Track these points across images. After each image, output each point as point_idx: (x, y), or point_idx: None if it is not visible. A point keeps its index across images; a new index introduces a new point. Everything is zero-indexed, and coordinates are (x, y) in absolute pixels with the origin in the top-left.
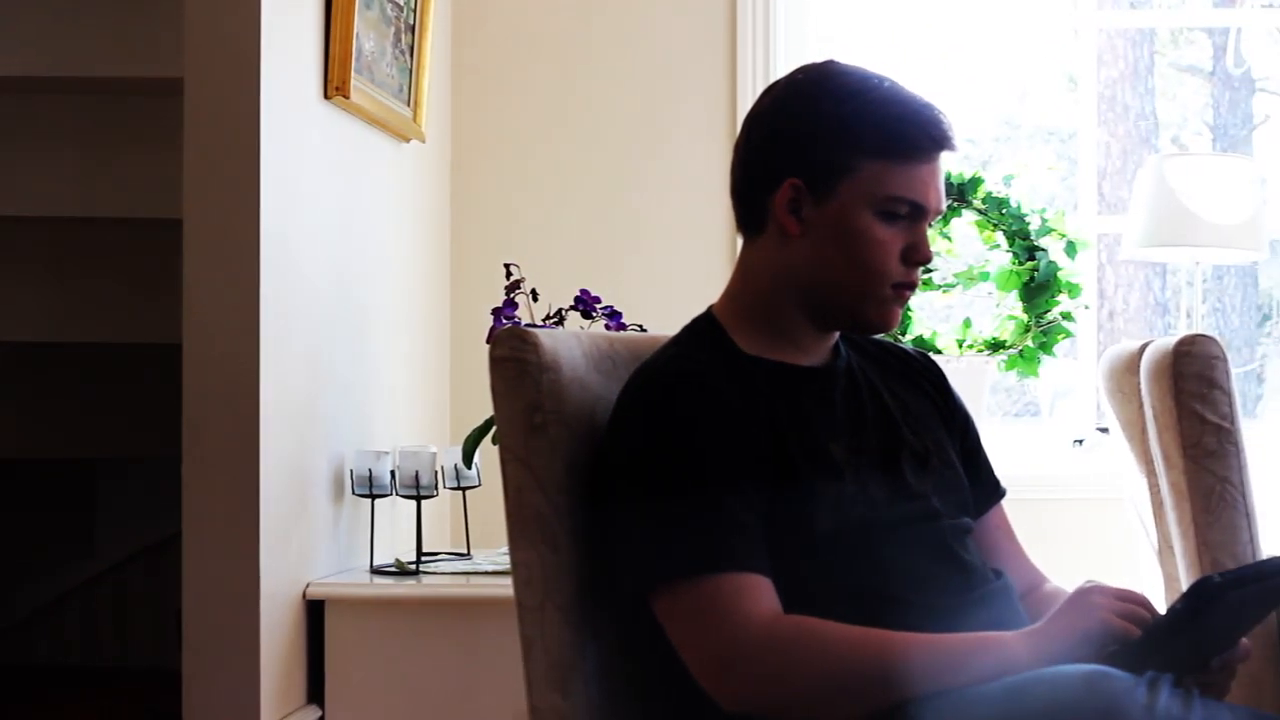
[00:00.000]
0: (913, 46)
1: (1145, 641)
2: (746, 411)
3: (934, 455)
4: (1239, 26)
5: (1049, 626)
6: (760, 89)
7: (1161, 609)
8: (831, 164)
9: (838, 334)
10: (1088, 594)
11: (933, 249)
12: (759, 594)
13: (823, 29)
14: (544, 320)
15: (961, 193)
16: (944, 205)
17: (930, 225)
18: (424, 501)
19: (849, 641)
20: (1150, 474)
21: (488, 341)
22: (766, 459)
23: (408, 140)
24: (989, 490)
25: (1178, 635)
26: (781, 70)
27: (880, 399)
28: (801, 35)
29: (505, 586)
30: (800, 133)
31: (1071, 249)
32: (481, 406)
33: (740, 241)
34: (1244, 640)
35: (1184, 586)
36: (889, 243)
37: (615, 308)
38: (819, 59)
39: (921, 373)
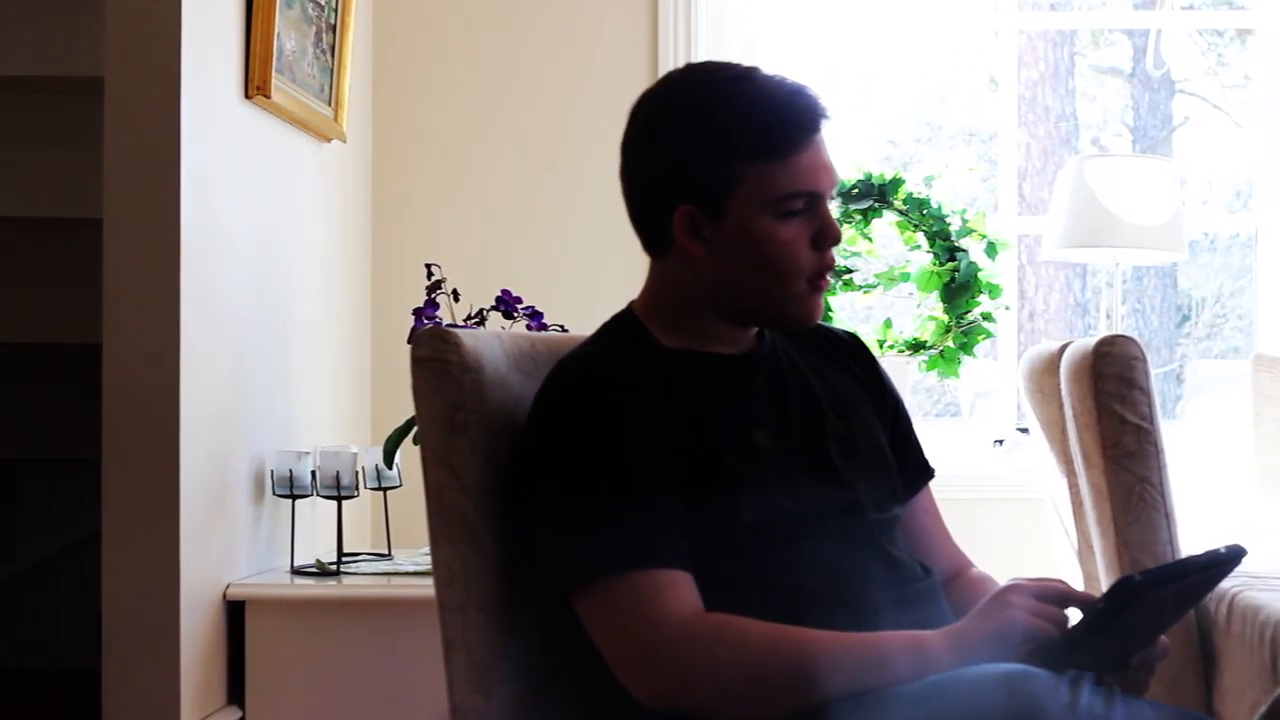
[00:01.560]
0: (833, 49)
1: (1066, 640)
2: (666, 405)
3: (861, 440)
4: (1159, 28)
5: (968, 626)
6: None
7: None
8: (716, 181)
9: None
10: (1006, 593)
11: (854, 248)
12: (679, 591)
13: (744, 29)
14: (465, 320)
15: (882, 193)
16: (838, 177)
17: (831, 199)
18: (345, 502)
19: (767, 640)
20: (1070, 474)
21: (409, 342)
22: (688, 452)
23: (329, 140)
24: (918, 472)
25: (1098, 634)
26: None
27: (806, 384)
28: (723, 35)
29: (426, 587)
30: (678, 158)
31: (992, 250)
32: (403, 407)
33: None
34: (1163, 638)
35: (1104, 586)
36: (795, 239)
37: (536, 308)
38: (679, 66)
39: (849, 354)
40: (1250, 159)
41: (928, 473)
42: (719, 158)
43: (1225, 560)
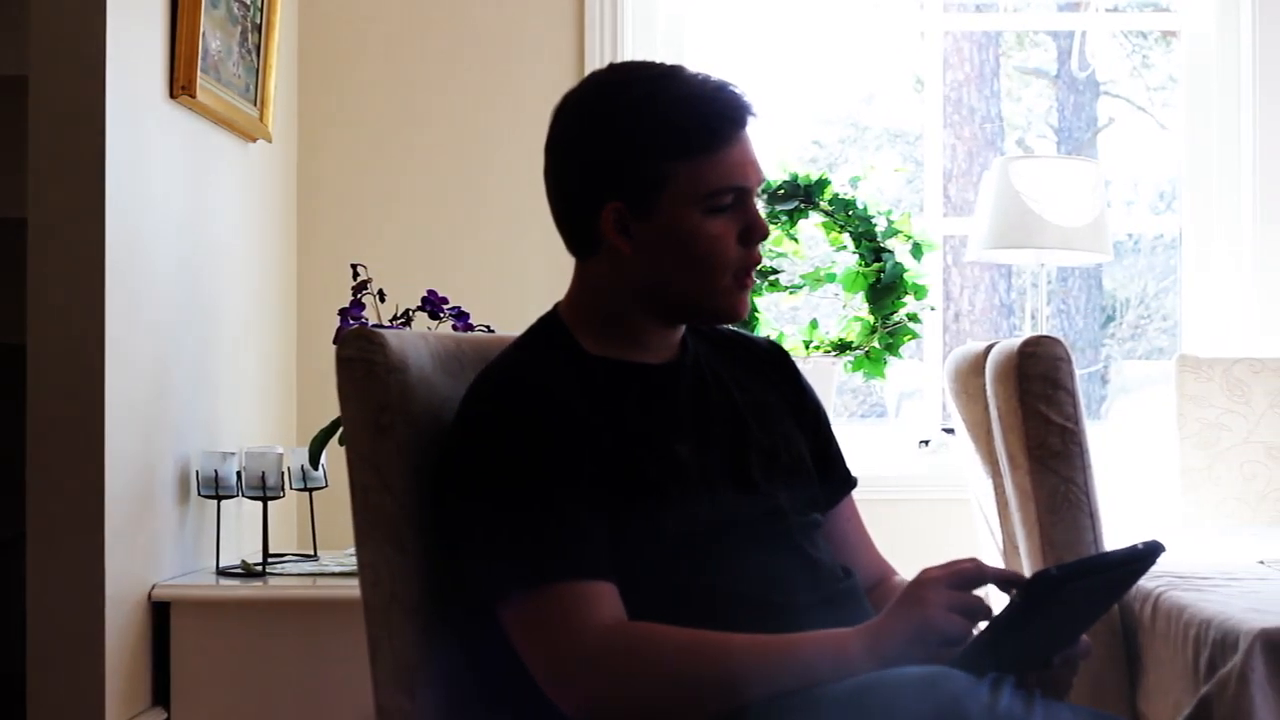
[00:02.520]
0: (759, 50)
1: (984, 639)
2: (590, 414)
3: (783, 451)
4: (1083, 30)
5: (884, 625)
6: None
7: (1002, 606)
8: (645, 179)
9: (684, 329)
10: (919, 589)
11: (780, 249)
12: (602, 602)
13: (670, 29)
14: (391, 321)
15: (808, 194)
16: (764, 174)
17: (757, 195)
18: (270, 503)
19: (686, 647)
20: (996, 474)
21: (335, 342)
22: (611, 462)
23: (254, 140)
24: (839, 482)
25: (1016, 630)
26: None
27: (728, 394)
28: (650, 36)
29: (352, 588)
30: (606, 157)
31: (917, 251)
32: (328, 407)
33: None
34: (1085, 637)
35: None
36: (723, 235)
37: (463, 308)
38: (602, 66)
39: (770, 364)
40: (1174, 161)
41: (849, 482)
42: (647, 155)
43: (1143, 555)
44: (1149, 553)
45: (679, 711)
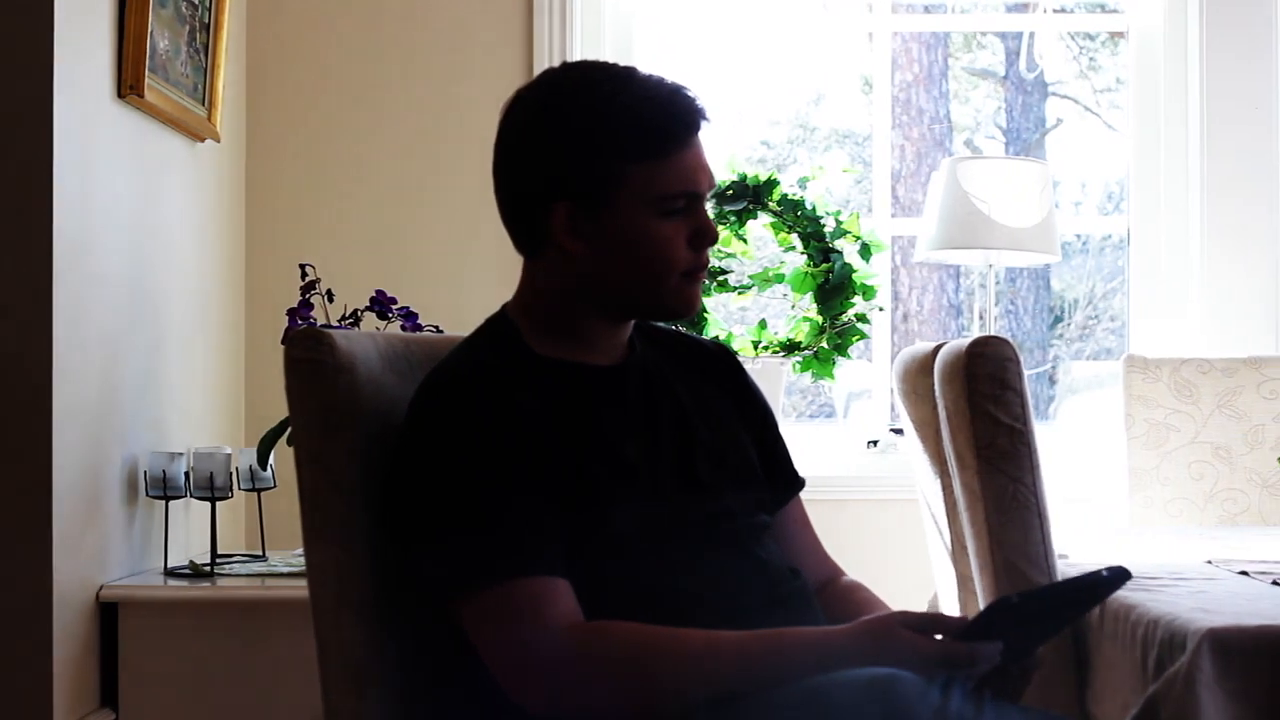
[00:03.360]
0: (709, 50)
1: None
2: (540, 414)
3: (730, 452)
4: (1031, 31)
5: (852, 647)
6: None
7: (953, 607)
8: (599, 179)
9: (631, 330)
10: (893, 635)
11: (729, 249)
12: (556, 599)
13: (618, 29)
14: (339, 321)
15: (757, 195)
16: (715, 179)
17: (706, 200)
18: (219, 503)
19: (644, 645)
20: (944, 475)
21: (283, 342)
22: (561, 462)
23: (203, 140)
24: (787, 482)
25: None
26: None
27: (675, 396)
28: (598, 36)
29: (300, 588)
30: (560, 156)
31: (866, 251)
32: (277, 407)
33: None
34: (1038, 651)
35: (978, 586)
36: (674, 237)
37: (411, 308)
38: (554, 65)
39: (718, 365)
40: (1122, 161)
41: (797, 483)
42: (601, 155)
43: (1107, 582)
44: (1113, 579)
45: (636, 709)
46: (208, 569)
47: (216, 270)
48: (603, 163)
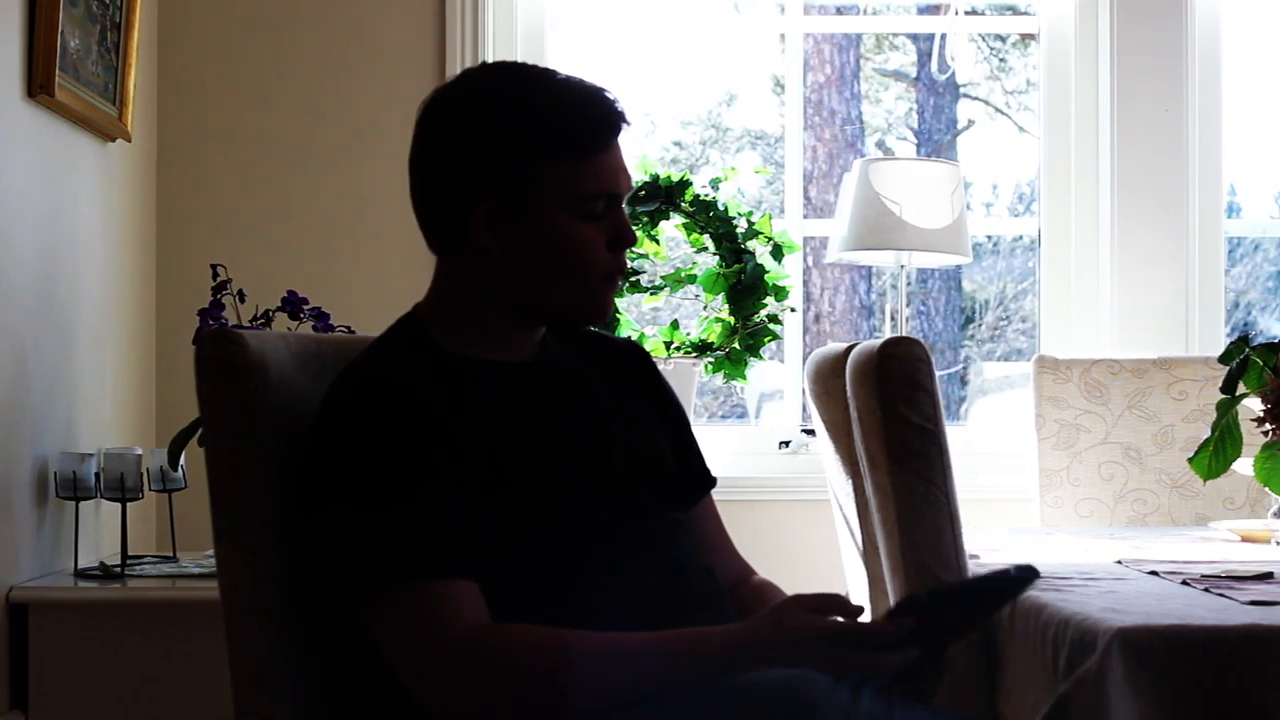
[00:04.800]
0: (620, 50)
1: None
2: (451, 414)
3: (645, 450)
4: (943, 33)
5: (754, 642)
6: None
7: (864, 605)
8: (519, 179)
9: (544, 329)
10: (803, 638)
11: (641, 250)
12: (465, 601)
13: (530, 29)
14: (251, 322)
15: (669, 196)
16: (633, 182)
17: (624, 204)
18: (129, 504)
19: (549, 647)
20: (856, 475)
21: (194, 343)
22: (473, 462)
23: (114, 139)
24: (699, 481)
25: (880, 651)
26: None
27: (589, 394)
28: (510, 36)
29: (211, 589)
30: (481, 155)
31: (778, 252)
32: (188, 408)
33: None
34: (951, 651)
35: (889, 586)
36: (593, 239)
37: (323, 309)
38: (473, 64)
39: (630, 364)
40: (1032, 163)
41: (709, 481)
42: (523, 155)
43: (1016, 580)
44: (1022, 578)
45: (542, 711)
46: (118, 570)
47: (127, 270)
48: (523, 163)
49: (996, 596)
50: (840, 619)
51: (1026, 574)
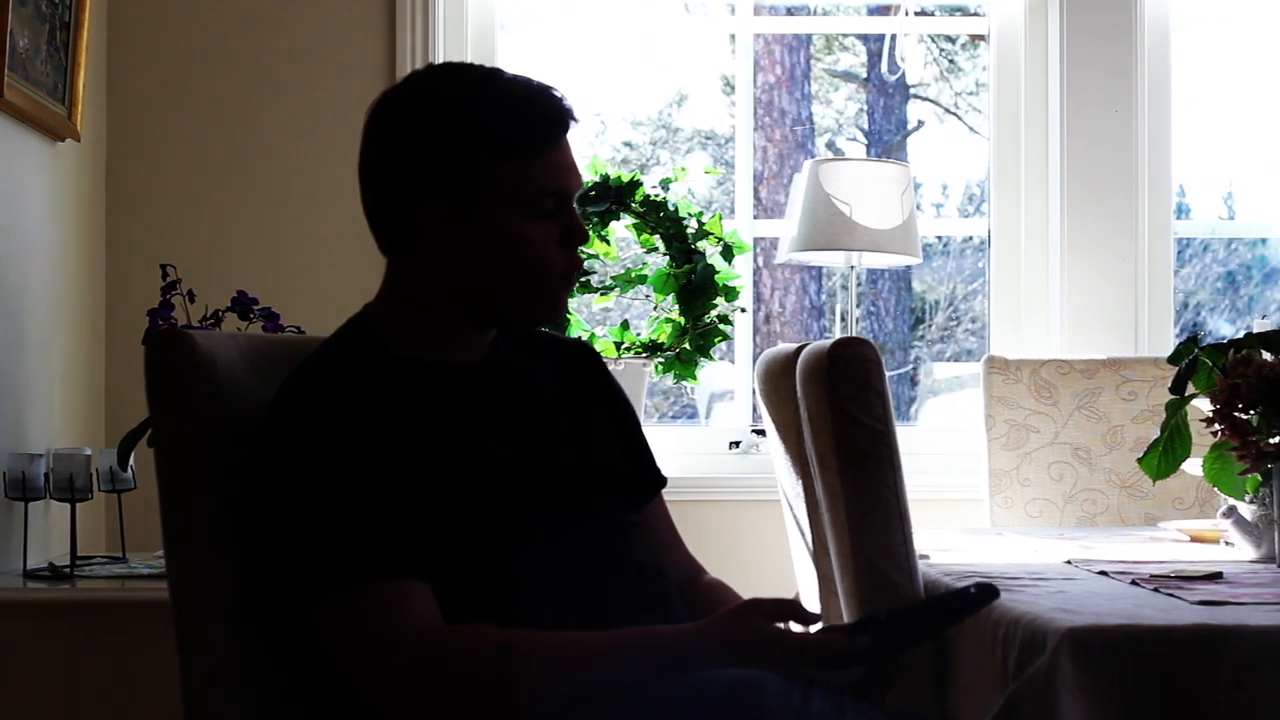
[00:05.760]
0: (570, 49)
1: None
2: (400, 415)
3: (595, 450)
4: (893, 33)
5: (707, 643)
6: None
7: (815, 608)
8: (468, 179)
9: (494, 331)
10: (758, 645)
11: (592, 250)
12: (417, 602)
13: (480, 30)
14: (200, 322)
15: (619, 196)
16: (583, 182)
17: (574, 202)
18: (79, 504)
19: (500, 647)
20: (806, 476)
21: (144, 343)
22: (422, 463)
23: (63, 139)
24: (649, 481)
25: (837, 666)
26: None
27: (539, 394)
28: (460, 37)
29: (161, 590)
30: (429, 155)
31: (728, 253)
32: (138, 408)
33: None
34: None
35: (839, 587)
36: (545, 238)
37: (273, 309)
38: (421, 66)
39: (579, 364)
40: (982, 164)
41: (659, 481)
42: (471, 154)
43: (974, 599)
44: (981, 597)
45: (495, 711)
46: (68, 571)
47: (76, 270)
48: (471, 162)
49: (955, 615)
50: (797, 628)
51: (986, 594)
